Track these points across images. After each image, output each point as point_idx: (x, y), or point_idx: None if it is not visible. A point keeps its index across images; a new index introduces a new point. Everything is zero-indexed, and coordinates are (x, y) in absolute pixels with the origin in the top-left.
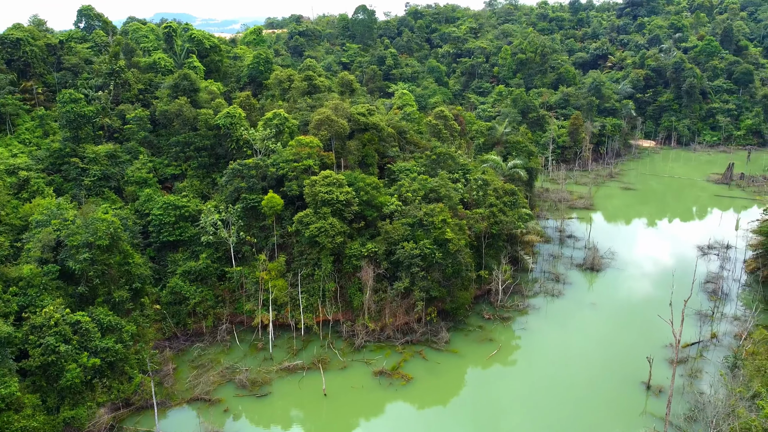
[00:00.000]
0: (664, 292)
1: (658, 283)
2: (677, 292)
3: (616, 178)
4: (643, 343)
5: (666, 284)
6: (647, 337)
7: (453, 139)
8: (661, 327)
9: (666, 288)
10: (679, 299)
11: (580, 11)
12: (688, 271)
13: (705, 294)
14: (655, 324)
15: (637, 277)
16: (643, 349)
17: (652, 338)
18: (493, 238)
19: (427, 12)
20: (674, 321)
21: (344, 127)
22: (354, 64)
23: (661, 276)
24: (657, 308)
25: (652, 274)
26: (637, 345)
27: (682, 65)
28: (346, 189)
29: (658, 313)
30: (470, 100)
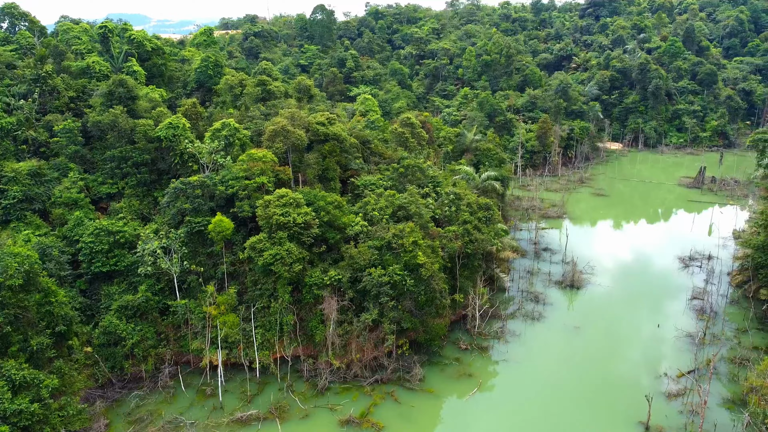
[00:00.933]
0: (649, 312)
1: (642, 302)
2: (663, 310)
3: (587, 184)
4: (634, 373)
5: (651, 302)
6: (638, 367)
7: (421, 148)
8: (652, 354)
9: (651, 306)
10: (666, 321)
11: (543, 12)
12: (671, 286)
13: (692, 312)
14: (645, 351)
15: (620, 295)
16: (635, 380)
17: (644, 367)
18: (468, 257)
19: (388, 12)
20: (664, 347)
21: (302, 139)
22: (313, 67)
23: (645, 293)
24: (644, 332)
25: (634, 291)
26: (628, 376)
27: (647, 66)
28: (305, 209)
29: (647, 340)
30: (435, 104)
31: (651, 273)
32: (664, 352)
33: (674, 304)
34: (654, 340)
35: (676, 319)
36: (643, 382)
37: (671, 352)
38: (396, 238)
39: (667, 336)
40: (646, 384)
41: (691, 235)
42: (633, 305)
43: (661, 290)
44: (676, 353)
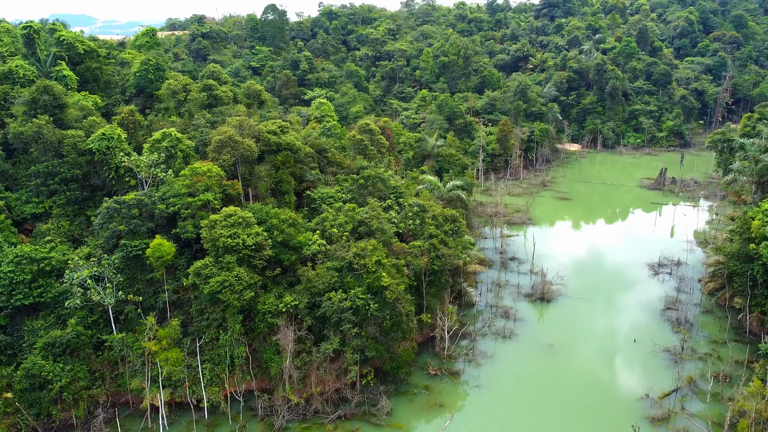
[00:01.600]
0: (624, 325)
1: (615, 314)
2: (637, 323)
3: (549, 187)
4: (615, 395)
5: (624, 314)
6: (618, 388)
7: (381, 156)
8: (631, 373)
9: (625, 319)
10: (642, 335)
11: (498, 12)
12: (643, 296)
13: (668, 324)
14: (623, 369)
15: (592, 307)
16: (616, 403)
17: (624, 388)
18: (435, 274)
19: (342, 12)
20: (642, 365)
21: (252, 149)
22: (265, 69)
23: (617, 304)
24: (621, 348)
25: (607, 303)
26: (609, 399)
27: (604, 67)
28: (256, 229)
29: (625, 357)
30: (392, 106)
31: (621, 282)
32: (643, 369)
33: (648, 315)
34: (631, 356)
35: (651, 332)
36: (624, 406)
37: (650, 369)
38: (357, 258)
39: (644, 351)
40: (627, 407)
41: (654, 237)
42: (606, 318)
43: (633, 301)
44: (655, 370)
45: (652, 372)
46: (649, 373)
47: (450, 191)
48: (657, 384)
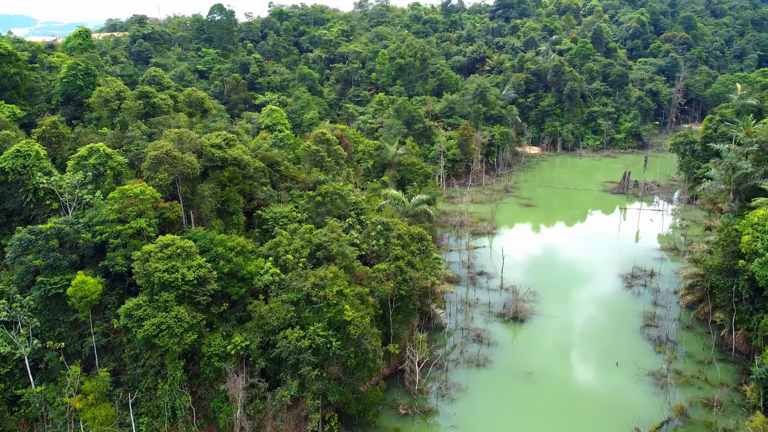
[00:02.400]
0: (603, 346)
1: (593, 334)
2: (617, 343)
3: (512, 193)
4: (602, 431)
5: (602, 333)
6: (606, 422)
7: (339, 167)
8: (617, 402)
9: (603, 339)
10: (624, 357)
11: (453, 13)
12: (619, 312)
13: (648, 343)
14: (608, 399)
15: (568, 326)
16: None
17: (612, 421)
18: (402, 300)
19: (294, 13)
20: (627, 392)
21: (193, 166)
22: (212, 72)
23: (594, 322)
24: (604, 373)
25: (583, 321)
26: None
27: (561, 68)
28: (198, 261)
29: (608, 383)
30: (348, 110)
31: (595, 296)
32: (629, 398)
33: (627, 333)
34: (615, 383)
35: (633, 353)
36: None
37: (636, 397)
38: (316, 289)
39: (628, 376)
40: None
41: (620, 243)
42: (584, 338)
43: (610, 317)
44: (641, 398)
45: (639, 400)
46: (636, 402)
47: (416, 206)
48: (645, 414)
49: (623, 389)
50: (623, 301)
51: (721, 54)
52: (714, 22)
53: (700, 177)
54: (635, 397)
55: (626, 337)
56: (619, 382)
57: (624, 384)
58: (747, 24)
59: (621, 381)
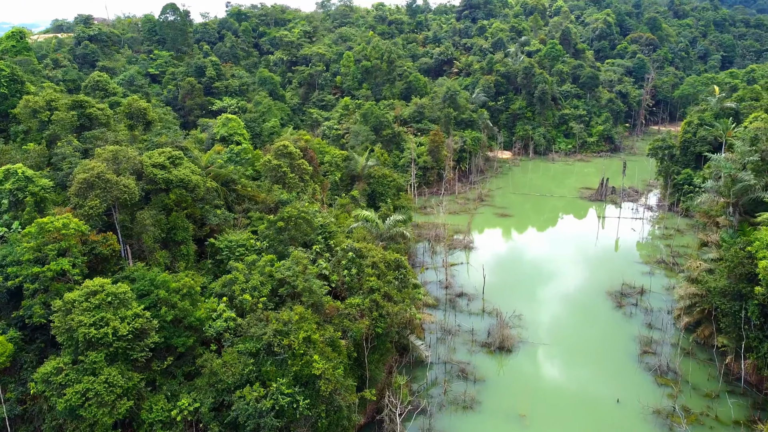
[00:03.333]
0: (599, 379)
1: (587, 364)
2: (614, 375)
3: (487, 202)
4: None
5: (596, 364)
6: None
7: (304, 184)
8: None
9: (599, 370)
10: (624, 392)
11: (419, 14)
12: (612, 337)
13: (648, 374)
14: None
15: (559, 356)
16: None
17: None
18: (379, 338)
19: (253, 13)
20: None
21: (131, 190)
22: (165, 77)
23: (586, 350)
24: (604, 413)
25: (574, 349)
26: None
27: (532, 70)
28: (135, 309)
29: (611, 425)
30: (312, 116)
31: (585, 319)
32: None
33: (624, 363)
34: (618, 425)
35: (633, 387)
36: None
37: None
38: (279, 337)
39: (631, 415)
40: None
41: (599, 252)
42: (578, 370)
43: (603, 344)
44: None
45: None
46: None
47: (391, 228)
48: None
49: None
50: (615, 323)
51: (686, 55)
52: (677, 23)
53: (680, 183)
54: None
55: (624, 368)
56: (621, 423)
57: (627, 426)
58: (709, 25)
59: (624, 422)
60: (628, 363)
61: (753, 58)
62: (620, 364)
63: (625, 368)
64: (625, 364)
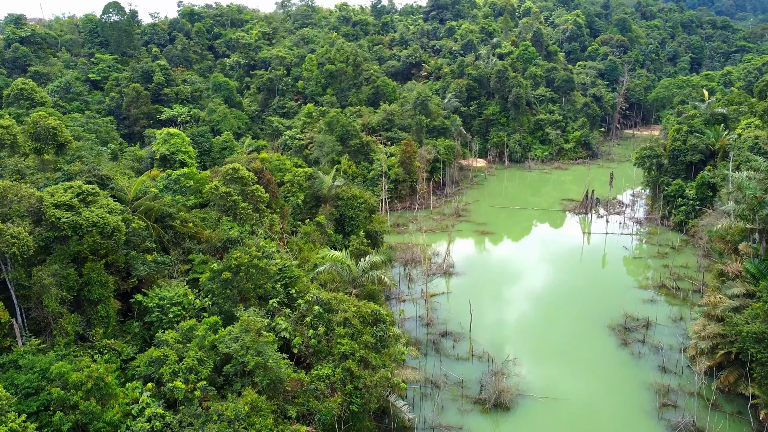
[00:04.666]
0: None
1: (601, 423)
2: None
3: (465, 217)
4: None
5: (611, 420)
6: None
7: (260, 214)
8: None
9: (616, 429)
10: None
11: (384, 15)
12: (624, 384)
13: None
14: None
15: (567, 413)
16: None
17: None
18: (355, 417)
19: (207, 13)
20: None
21: (22, 240)
22: (108, 82)
23: (597, 403)
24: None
25: (583, 402)
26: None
27: (505, 74)
28: (13, 423)
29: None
30: (273, 124)
31: (588, 361)
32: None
33: (641, 419)
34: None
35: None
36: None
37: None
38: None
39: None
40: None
41: (592, 275)
42: (592, 430)
43: (614, 395)
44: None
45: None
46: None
47: (367, 272)
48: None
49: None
50: (624, 367)
51: (657, 56)
52: (645, 25)
53: (671, 195)
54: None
55: (643, 426)
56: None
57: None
58: (677, 26)
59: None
60: (646, 420)
61: (721, 59)
62: (637, 422)
63: (646, 427)
64: (642, 422)
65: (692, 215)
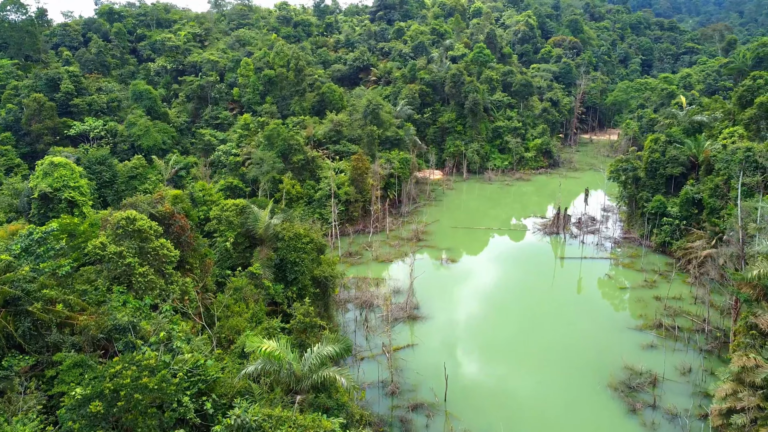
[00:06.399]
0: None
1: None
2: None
3: (426, 241)
4: None
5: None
6: None
7: (166, 279)
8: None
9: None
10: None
11: (328, 15)
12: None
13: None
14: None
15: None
16: None
17: None
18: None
19: (129, 12)
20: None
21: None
22: (6, 92)
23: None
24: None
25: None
26: None
27: (461, 78)
28: None
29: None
30: (204, 138)
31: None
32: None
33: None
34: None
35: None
36: None
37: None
38: None
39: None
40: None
41: (578, 313)
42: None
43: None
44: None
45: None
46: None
47: (315, 371)
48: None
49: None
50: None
51: (609, 58)
52: (595, 26)
53: (651, 213)
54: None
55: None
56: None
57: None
58: (626, 28)
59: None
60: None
61: (671, 61)
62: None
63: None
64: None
65: (676, 235)
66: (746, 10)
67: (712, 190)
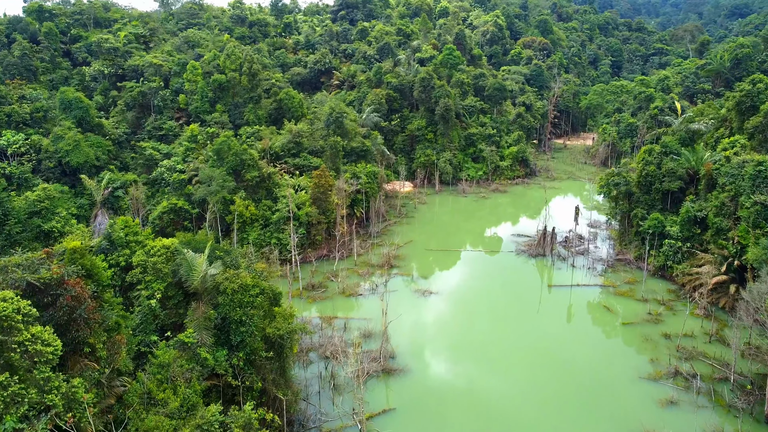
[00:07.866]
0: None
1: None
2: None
3: (399, 267)
4: None
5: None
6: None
7: (45, 382)
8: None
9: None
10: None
11: (286, 14)
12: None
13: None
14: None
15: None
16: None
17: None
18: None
19: (62, 10)
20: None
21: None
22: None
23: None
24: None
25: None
26: None
27: (430, 82)
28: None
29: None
30: (146, 152)
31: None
32: None
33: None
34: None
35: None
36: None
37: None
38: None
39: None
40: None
41: (582, 361)
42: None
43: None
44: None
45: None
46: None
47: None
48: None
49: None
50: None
51: (579, 60)
52: (563, 27)
53: (646, 232)
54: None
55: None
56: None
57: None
58: (594, 29)
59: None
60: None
61: (640, 62)
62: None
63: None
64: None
65: (677, 258)
66: (705, 12)
67: (718, 208)
